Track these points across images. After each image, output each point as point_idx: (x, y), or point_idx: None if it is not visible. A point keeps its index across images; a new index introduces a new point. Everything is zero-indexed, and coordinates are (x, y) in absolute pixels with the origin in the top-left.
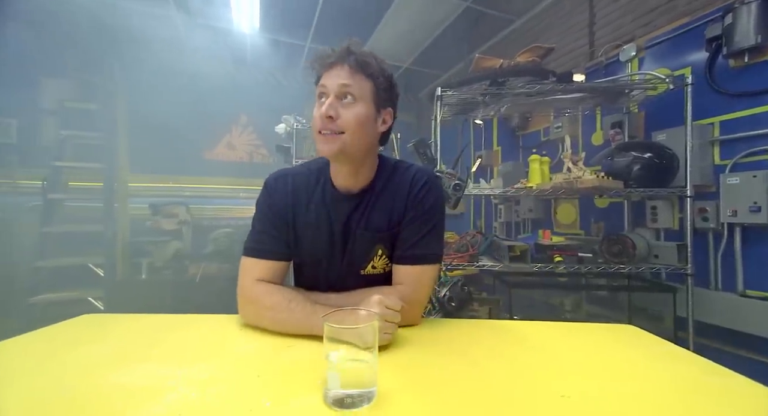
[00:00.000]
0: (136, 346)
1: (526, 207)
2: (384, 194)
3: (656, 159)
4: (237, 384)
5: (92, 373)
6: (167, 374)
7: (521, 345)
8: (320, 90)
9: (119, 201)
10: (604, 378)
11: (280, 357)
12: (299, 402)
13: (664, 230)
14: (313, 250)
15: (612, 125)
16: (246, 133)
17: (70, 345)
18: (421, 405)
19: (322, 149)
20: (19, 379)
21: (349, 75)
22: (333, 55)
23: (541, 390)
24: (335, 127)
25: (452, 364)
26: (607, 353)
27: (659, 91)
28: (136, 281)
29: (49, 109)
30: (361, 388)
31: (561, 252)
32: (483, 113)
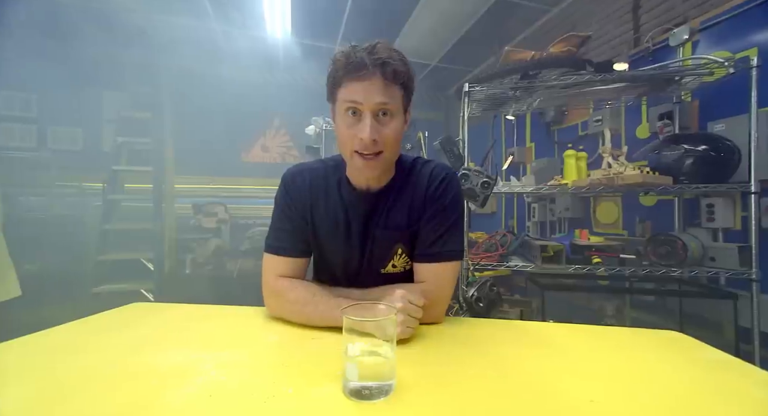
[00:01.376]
0: (173, 332)
1: (562, 205)
2: (403, 192)
3: (712, 152)
4: (263, 370)
5: (134, 354)
6: (199, 358)
7: (550, 347)
8: (351, 105)
9: (166, 201)
10: (638, 385)
11: (305, 348)
12: (319, 390)
13: (722, 230)
14: (330, 247)
15: (660, 116)
16: (279, 135)
17: (117, 330)
18: (440, 402)
19: (363, 172)
20: (73, 357)
21: (384, 89)
22: (365, 64)
23: (569, 393)
24: (376, 147)
25: (474, 362)
26: (644, 358)
27: (717, 77)
28: (181, 275)
29: (108, 118)
30: (378, 381)
31: (600, 253)
32: (515, 108)
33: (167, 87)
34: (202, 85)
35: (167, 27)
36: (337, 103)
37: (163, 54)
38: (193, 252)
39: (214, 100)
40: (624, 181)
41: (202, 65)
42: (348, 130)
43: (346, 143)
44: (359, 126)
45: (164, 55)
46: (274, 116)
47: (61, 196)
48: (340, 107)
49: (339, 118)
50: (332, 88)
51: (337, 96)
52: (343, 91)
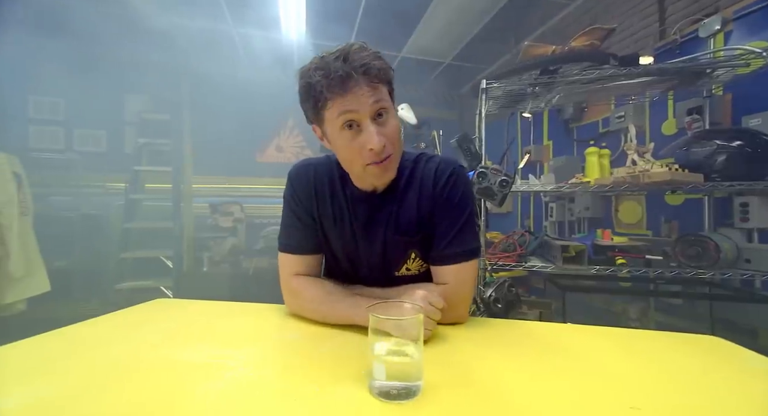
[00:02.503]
0: (197, 328)
1: (581, 205)
2: (408, 192)
3: (748, 147)
4: (287, 368)
5: (161, 348)
6: (224, 354)
7: (581, 350)
8: (348, 118)
9: (185, 200)
10: (680, 391)
11: (326, 346)
12: (345, 390)
13: (758, 230)
14: (338, 246)
15: (688, 111)
16: (293, 135)
17: (143, 324)
18: (470, 405)
19: (380, 180)
20: (106, 349)
21: (373, 91)
22: (349, 74)
23: (606, 399)
24: (386, 153)
25: (502, 365)
26: (686, 364)
27: (753, 68)
28: (198, 273)
29: (129, 120)
30: (406, 381)
31: (624, 253)
32: (532, 105)
33: (185, 89)
34: (219, 86)
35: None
36: (327, 122)
37: (181, 56)
38: (210, 250)
39: (230, 101)
40: (651, 178)
41: (219, 67)
42: (352, 144)
43: (354, 159)
44: (363, 137)
45: (182, 58)
46: (288, 117)
47: (86, 195)
48: (333, 125)
49: (335, 137)
50: (316, 109)
51: (325, 116)
52: (331, 109)
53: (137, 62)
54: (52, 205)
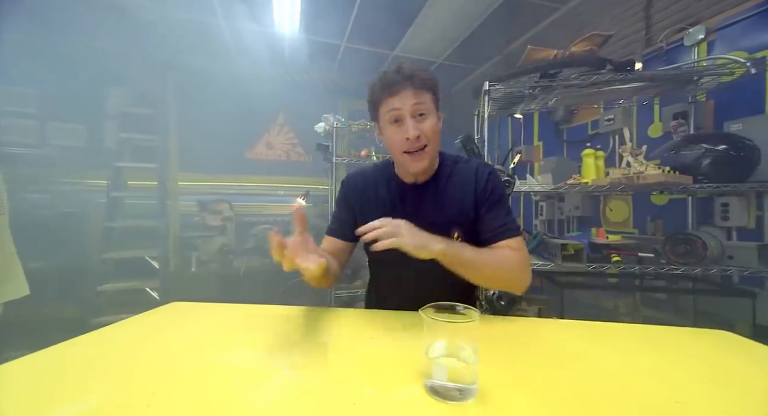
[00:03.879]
0: (225, 332)
1: (571, 204)
2: (450, 184)
3: (732, 151)
4: (335, 371)
5: (199, 353)
6: (266, 359)
7: (614, 346)
8: (393, 114)
9: (171, 198)
10: (712, 384)
11: (366, 348)
12: (402, 392)
13: (737, 229)
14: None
15: (674, 116)
16: (283, 132)
17: (168, 329)
18: (527, 406)
19: (413, 167)
20: (139, 355)
21: (416, 95)
22: (397, 80)
23: (652, 394)
24: (419, 143)
25: (548, 363)
26: (707, 357)
27: (735, 77)
28: (186, 273)
29: (110, 114)
30: (465, 382)
31: (618, 251)
32: (530, 107)
33: (171, 83)
34: (206, 80)
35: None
36: (381, 117)
37: (167, 49)
38: (198, 250)
39: (219, 97)
40: (645, 180)
41: (207, 61)
42: (395, 134)
43: (395, 147)
44: (403, 128)
45: (168, 51)
46: (278, 113)
47: (64, 193)
48: (384, 120)
49: (385, 130)
50: (374, 107)
51: (380, 112)
52: (383, 106)
53: (119, 53)
54: (27, 202)
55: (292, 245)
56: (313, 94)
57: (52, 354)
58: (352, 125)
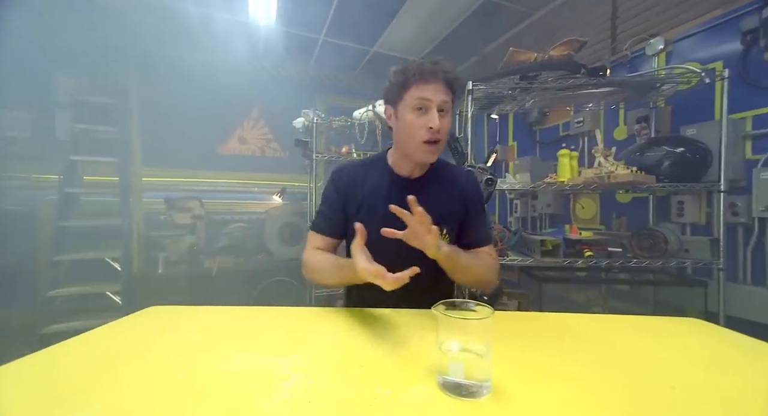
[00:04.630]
0: (220, 335)
1: (544, 202)
2: (441, 183)
3: (689, 154)
4: (344, 373)
5: (196, 359)
6: (271, 362)
7: (603, 338)
8: (421, 102)
9: (134, 195)
10: (704, 370)
11: (371, 348)
12: (416, 390)
13: (690, 225)
14: (375, 225)
15: (637, 120)
16: (258, 127)
17: (154, 335)
18: (538, 398)
19: (426, 157)
20: (132, 364)
21: (445, 91)
22: (435, 72)
23: (648, 381)
24: (437, 135)
25: (549, 358)
26: (693, 344)
27: (691, 85)
28: (153, 275)
29: (62, 102)
30: (480, 379)
31: (590, 246)
32: (506, 108)
33: (133, 71)
34: (174, 70)
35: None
36: (405, 101)
37: (129, 35)
38: (166, 250)
39: (187, 87)
40: (616, 179)
41: (174, 49)
42: (417, 121)
43: (414, 134)
44: (427, 117)
45: (131, 36)
46: (252, 107)
47: (7, 188)
48: (408, 104)
49: (406, 114)
50: (400, 89)
51: (405, 95)
52: (412, 91)
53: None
54: None
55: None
56: (289, 88)
57: (22, 367)
58: (332, 121)
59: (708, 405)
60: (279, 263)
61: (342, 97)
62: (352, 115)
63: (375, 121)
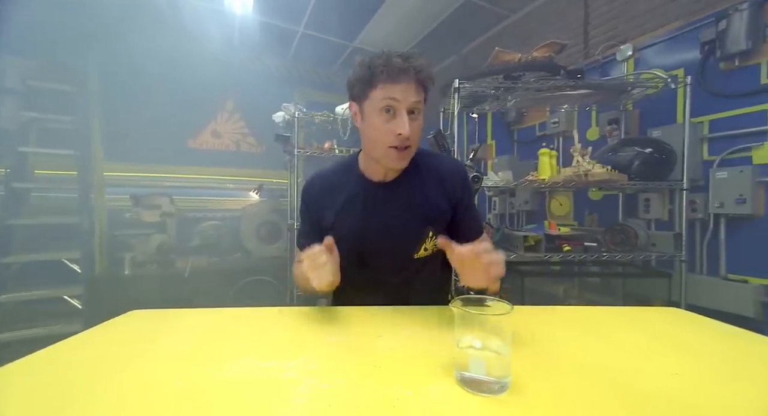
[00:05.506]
0: (216, 339)
1: (521, 199)
2: (419, 181)
3: (656, 154)
4: (360, 374)
5: (197, 367)
6: (278, 366)
7: (597, 330)
8: (389, 103)
9: (95, 191)
10: (698, 357)
11: (381, 347)
12: (436, 388)
13: (655, 220)
14: (353, 239)
15: (609, 121)
16: (233, 120)
17: (147, 340)
18: (555, 392)
19: (393, 164)
20: (129, 371)
21: (416, 91)
22: (405, 69)
23: (653, 368)
24: (407, 142)
25: (553, 351)
26: (679, 333)
27: (657, 90)
28: (118, 277)
29: (7, 87)
30: (500, 375)
31: (569, 241)
32: (487, 107)
33: (94, 57)
34: (139, 57)
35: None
36: (370, 101)
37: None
38: (133, 250)
39: (154, 76)
40: (593, 177)
41: (141, 34)
42: (384, 125)
43: (381, 139)
44: (396, 122)
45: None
46: (226, 99)
47: None
48: (374, 105)
49: (372, 115)
50: (365, 88)
51: (371, 95)
52: (379, 91)
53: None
54: None
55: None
56: (265, 81)
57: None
58: (314, 116)
59: (709, 390)
60: (257, 262)
61: (320, 92)
62: (335, 110)
63: None
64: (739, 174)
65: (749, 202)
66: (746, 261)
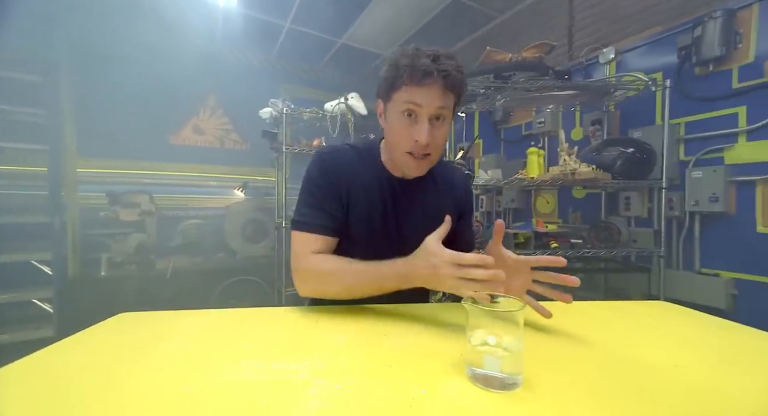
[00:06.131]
0: (215, 342)
1: (508, 197)
2: (434, 186)
3: (638, 154)
4: (372, 374)
5: (200, 370)
6: (287, 369)
7: (596, 323)
8: (411, 107)
9: (67, 188)
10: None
11: (389, 345)
12: (450, 386)
13: (635, 218)
14: (363, 229)
15: (592, 122)
16: (215, 116)
17: (141, 344)
18: (568, 386)
19: (410, 171)
20: (129, 377)
21: (442, 95)
22: (431, 72)
23: (656, 360)
24: (427, 150)
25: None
26: (675, 325)
27: (638, 92)
28: (94, 279)
29: None
30: (514, 372)
31: (556, 238)
32: (474, 106)
33: (62, 46)
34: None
35: None
36: (393, 103)
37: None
38: (110, 250)
39: (133, 69)
40: (580, 176)
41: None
42: (404, 130)
43: (400, 143)
44: (416, 128)
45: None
46: (208, 94)
47: None
48: (396, 107)
49: (393, 118)
50: (389, 88)
51: (394, 96)
52: (402, 93)
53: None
54: None
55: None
56: (250, 76)
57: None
58: (303, 112)
59: (713, 378)
60: (242, 261)
61: (307, 89)
62: (324, 106)
63: (347, 114)
64: (713, 173)
65: (721, 201)
66: (718, 256)
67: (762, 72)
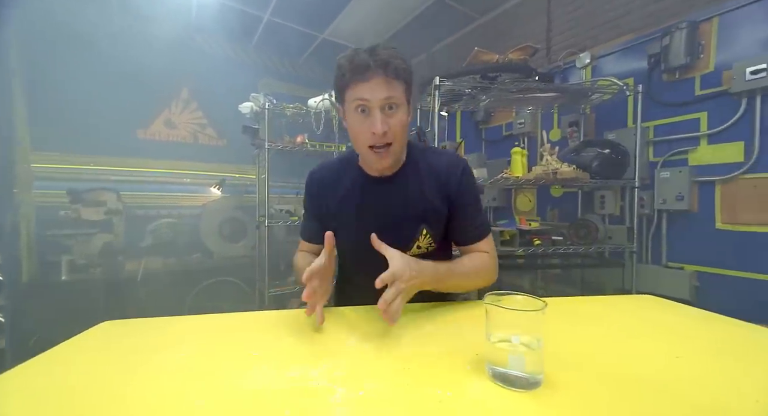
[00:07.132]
0: (216, 350)
1: (489, 196)
2: (418, 178)
3: (614, 155)
4: (393, 378)
5: (209, 380)
6: (301, 375)
7: (589, 319)
8: (360, 103)
9: (19, 185)
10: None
11: (404, 347)
12: (474, 387)
13: (609, 216)
14: (349, 234)
15: (569, 124)
16: (189, 110)
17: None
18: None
19: (376, 164)
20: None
21: (387, 85)
22: (369, 65)
23: (657, 351)
24: (386, 139)
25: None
26: (664, 319)
27: (613, 96)
28: (52, 282)
29: None
30: (536, 371)
31: (539, 236)
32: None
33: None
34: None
35: None
36: (346, 103)
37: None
38: (71, 252)
39: (93, 57)
40: (562, 175)
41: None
42: (360, 126)
43: (359, 139)
44: (369, 121)
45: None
46: (181, 87)
47: None
48: (349, 106)
49: (350, 117)
50: (341, 90)
51: (346, 97)
52: (350, 91)
53: None
54: None
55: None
56: (226, 69)
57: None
58: (286, 108)
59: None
60: (219, 262)
61: (286, 84)
62: (307, 103)
63: (332, 110)
64: (678, 174)
65: (686, 199)
66: (682, 251)
67: (721, 81)
